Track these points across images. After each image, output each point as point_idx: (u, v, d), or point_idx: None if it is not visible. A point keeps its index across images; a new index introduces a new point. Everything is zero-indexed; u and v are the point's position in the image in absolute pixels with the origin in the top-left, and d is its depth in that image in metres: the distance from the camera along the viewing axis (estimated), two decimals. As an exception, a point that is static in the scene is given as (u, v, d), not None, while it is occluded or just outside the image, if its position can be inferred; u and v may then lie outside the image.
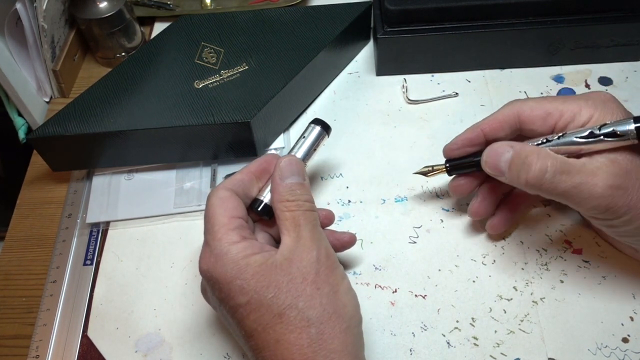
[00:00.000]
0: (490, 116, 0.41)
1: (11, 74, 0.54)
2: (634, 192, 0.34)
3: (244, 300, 0.33)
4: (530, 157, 0.36)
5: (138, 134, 0.47)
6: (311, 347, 0.31)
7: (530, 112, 0.39)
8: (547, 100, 0.39)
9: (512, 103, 0.40)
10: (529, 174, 0.36)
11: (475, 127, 0.41)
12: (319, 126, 0.42)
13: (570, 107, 0.37)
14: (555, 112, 0.38)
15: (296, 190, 0.36)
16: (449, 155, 0.43)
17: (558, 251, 0.44)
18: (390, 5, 0.52)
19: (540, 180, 0.35)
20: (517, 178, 0.37)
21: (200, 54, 0.52)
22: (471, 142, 0.41)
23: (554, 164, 0.35)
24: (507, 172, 0.37)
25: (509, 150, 0.37)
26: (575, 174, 0.35)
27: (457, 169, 0.43)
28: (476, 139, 0.41)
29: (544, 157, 0.35)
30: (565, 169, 0.35)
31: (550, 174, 0.35)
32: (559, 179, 0.35)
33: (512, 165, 0.37)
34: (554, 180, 0.35)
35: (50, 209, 0.51)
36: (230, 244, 0.34)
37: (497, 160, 0.38)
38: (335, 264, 0.35)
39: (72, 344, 0.43)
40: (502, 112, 0.40)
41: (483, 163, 0.39)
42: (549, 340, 0.41)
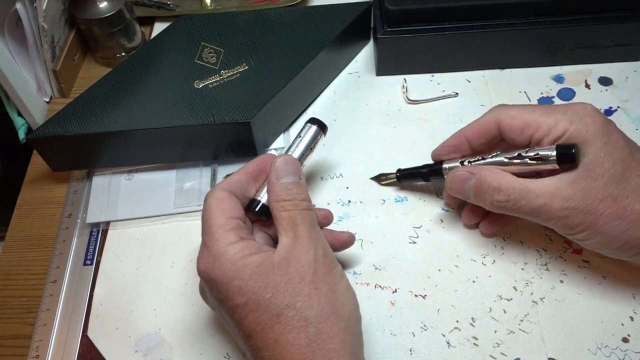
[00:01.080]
0: (474, 122, 0.42)
1: (11, 74, 0.54)
2: (590, 212, 0.36)
3: (242, 300, 0.33)
4: (491, 188, 0.39)
5: (138, 134, 0.47)
6: (309, 346, 0.31)
7: (510, 122, 0.40)
8: (528, 110, 0.39)
9: (495, 109, 0.41)
10: (493, 202, 0.39)
11: (459, 134, 0.43)
12: (315, 125, 0.42)
13: (548, 121, 0.38)
14: (532, 124, 0.38)
15: (292, 190, 0.36)
16: (437, 159, 0.45)
17: (558, 251, 0.44)
18: (390, 5, 0.52)
19: (503, 207, 0.39)
20: (483, 203, 0.40)
21: (200, 54, 0.52)
22: (456, 149, 0.43)
23: (514, 192, 0.38)
24: (472, 197, 0.41)
25: (471, 178, 0.40)
26: (534, 198, 0.37)
27: (405, 178, 0.48)
28: (460, 145, 0.43)
29: (504, 188, 0.38)
30: (524, 195, 0.37)
31: (511, 202, 0.38)
32: (520, 204, 0.38)
33: (476, 192, 0.40)
34: (515, 206, 0.38)
35: (50, 209, 0.51)
36: (228, 244, 0.34)
37: (461, 187, 0.41)
38: (333, 263, 0.35)
39: (72, 344, 0.43)
40: (485, 119, 0.41)
41: (448, 189, 0.42)
42: (549, 340, 0.41)
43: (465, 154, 0.43)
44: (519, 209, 0.38)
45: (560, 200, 0.36)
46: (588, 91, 0.54)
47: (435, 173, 0.44)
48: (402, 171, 0.48)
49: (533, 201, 0.37)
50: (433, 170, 0.45)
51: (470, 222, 0.46)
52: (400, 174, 0.48)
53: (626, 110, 0.52)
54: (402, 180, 0.48)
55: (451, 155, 0.44)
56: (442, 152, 0.44)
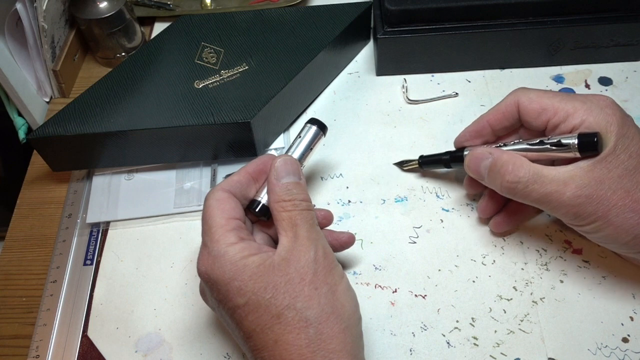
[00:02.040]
0: (495, 107, 0.42)
1: (11, 74, 0.54)
2: (603, 202, 0.35)
3: (242, 301, 0.33)
4: (505, 167, 0.38)
5: (138, 134, 0.47)
6: (309, 347, 0.31)
7: (528, 104, 0.40)
8: (547, 95, 0.39)
9: (515, 92, 0.41)
10: (503, 182, 0.39)
11: (481, 119, 0.43)
12: (315, 126, 0.42)
13: (566, 107, 0.38)
14: (550, 109, 0.38)
15: (292, 190, 0.36)
16: (460, 145, 0.45)
17: (558, 251, 0.44)
18: (390, 5, 0.52)
19: (513, 189, 0.38)
20: (494, 183, 0.40)
21: (200, 54, 0.52)
22: (478, 134, 0.43)
23: (526, 175, 0.37)
24: (487, 177, 0.40)
25: (489, 157, 0.40)
26: (547, 183, 0.37)
27: (427, 164, 0.48)
28: (483, 130, 0.43)
29: (518, 167, 0.38)
30: (537, 179, 0.37)
31: (522, 184, 0.37)
32: (531, 188, 0.37)
33: (490, 172, 0.40)
34: (526, 190, 0.37)
35: (50, 209, 0.51)
36: (228, 245, 0.34)
37: (478, 166, 0.41)
38: (333, 263, 0.35)
39: (72, 344, 0.43)
40: (505, 102, 0.41)
41: (466, 167, 0.42)
42: (549, 340, 0.41)
43: (487, 139, 0.43)
44: (530, 193, 0.37)
45: (573, 187, 0.35)
46: (588, 91, 0.54)
47: (457, 159, 0.45)
48: (424, 157, 0.48)
49: (545, 186, 0.36)
50: (455, 157, 0.45)
51: (485, 215, 0.45)
52: (422, 160, 0.48)
53: (626, 110, 0.52)
54: (424, 166, 0.48)
55: (474, 141, 0.44)
56: (464, 138, 0.44)
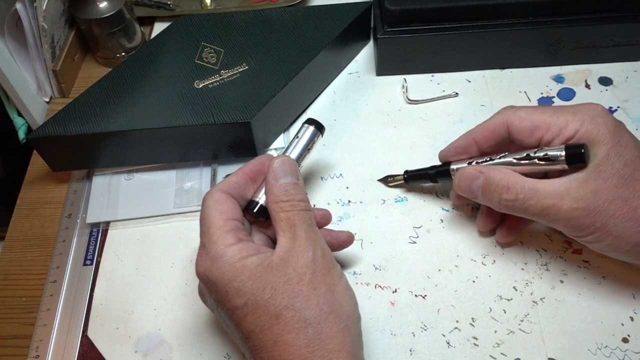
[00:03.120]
0: (482, 124, 0.42)
1: (11, 74, 0.54)
2: (600, 212, 0.35)
3: (240, 302, 0.33)
4: (499, 185, 0.38)
5: (138, 134, 0.47)
6: (309, 347, 0.31)
7: (519, 124, 0.39)
8: (537, 112, 0.39)
9: (504, 111, 0.41)
10: (500, 201, 0.38)
11: (468, 135, 0.42)
12: (313, 126, 0.42)
13: (557, 122, 0.37)
14: (542, 126, 0.38)
15: (290, 190, 0.36)
16: (444, 160, 0.45)
17: (558, 251, 0.44)
18: (390, 5, 0.52)
19: (511, 207, 0.38)
20: (491, 203, 0.40)
21: (200, 54, 0.52)
22: (464, 150, 0.43)
23: (522, 191, 0.37)
24: (480, 196, 0.40)
25: (480, 177, 0.39)
26: (543, 198, 0.36)
27: (412, 180, 0.48)
28: (469, 147, 0.42)
29: (513, 184, 0.37)
30: (533, 195, 0.37)
31: (519, 202, 0.37)
32: (528, 204, 0.37)
33: (484, 191, 0.39)
34: (523, 206, 0.37)
35: (50, 209, 0.51)
36: (226, 246, 0.34)
37: (469, 185, 0.40)
38: (332, 263, 0.35)
39: (72, 344, 0.43)
40: (493, 121, 0.41)
41: (456, 187, 0.42)
42: (549, 340, 0.41)
43: (471, 155, 0.43)
44: (527, 208, 0.37)
45: (570, 200, 0.35)
46: (588, 91, 0.54)
47: (443, 174, 0.44)
48: (409, 172, 0.48)
49: (542, 201, 0.36)
50: (441, 172, 0.44)
51: (484, 229, 0.45)
52: (407, 176, 0.48)
53: (626, 110, 0.52)
54: (409, 181, 0.48)
55: (459, 157, 0.43)
56: (449, 154, 0.44)
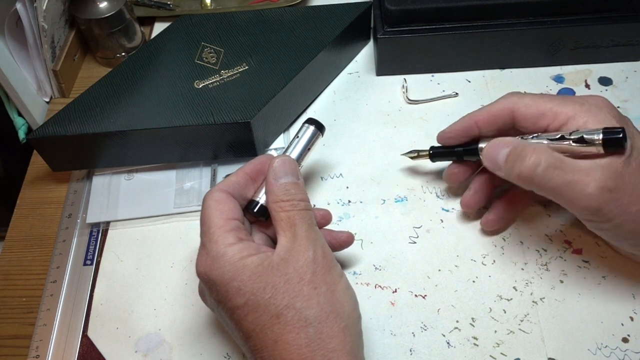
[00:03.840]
0: (486, 107, 0.41)
1: (11, 74, 0.54)
2: (625, 196, 0.34)
3: (241, 301, 0.33)
4: (525, 150, 0.36)
5: (138, 134, 0.47)
6: (309, 346, 0.31)
7: (525, 110, 0.39)
8: (544, 99, 0.38)
9: (510, 96, 0.40)
10: (522, 166, 0.36)
11: (470, 117, 0.42)
12: (313, 126, 0.42)
13: (565, 111, 0.37)
14: (549, 114, 0.38)
15: (290, 190, 0.36)
16: (442, 142, 0.44)
17: (558, 251, 0.44)
18: (391, 5, 0.52)
19: (532, 173, 0.36)
20: (512, 170, 0.37)
21: (200, 54, 0.52)
22: (465, 133, 0.42)
23: (548, 159, 0.35)
24: (504, 164, 0.38)
25: (509, 146, 0.38)
26: (569, 171, 0.35)
27: (439, 156, 0.46)
28: (470, 129, 0.42)
29: (539, 152, 0.36)
30: (558, 165, 0.35)
31: (542, 168, 0.35)
32: (552, 173, 0.35)
33: (509, 158, 0.37)
34: (546, 175, 0.35)
35: (50, 209, 0.51)
36: (227, 245, 0.34)
37: (496, 154, 0.38)
38: (332, 263, 0.35)
39: (72, 344, 0.43)
40: (498, 105, 0.40)
41: (484, 156, 0.40)
42: (549, 340, 0.41)
43: (470, 138, 0.42)
44: (549, 180, 0.35)
45: (598, 177, 0.34)
46: (588, 91, 0.54)
47: (470, 152, 0.43)
48: (435, 149, 0.46)
49: (568, 174, 0.35)
50: (468, 150, 0.43)
51: (468, 208, 0.45)
52: (433, 152, 0.46)
53: (626, 110, 0.52)
54: (434, 158, 0.47)
55: (459, 139, 0.43)
56: (449, 135, 0.43)
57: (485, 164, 0.40)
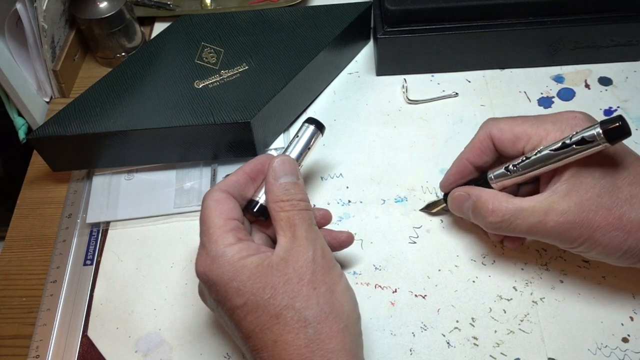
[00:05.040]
0: (469, 144, 0.42)
1: (11, 74, 0.54)
2: (586, 224, 0.35)
3: (240, 301, 0.33)
4: (485, 208, 0.39)
5: (138, 134, 0.47)
6: (309, 347, 0.31)
7: (500, 135, 0.40)
8: (517, 122, 0.39)
9: (485, 124, 0.41)
10: (487, 224, 0.39)
11: (460, 159, 0.43)
12: (313, 125, 0.42)
13: (538, 132, 0.38)
14: (523, 136, 0.38)
15: (290, 190, 0.36)
16: (446, 190, 0.45)
17: (558, 251, 0.44)
18: (390, 5, 0.52)
19: (498, 228, 0.39)
20: (482, 225, 0.40)
21: (200, 54, 0.52)
22: (462, 175, 0.43)
23: (507, 213, 0.38)
24: (472, 217, 0.41)
25: (468, 199, 0.40)
26: (528, 216, 0.37)
27: None
28: (465, 170, 0.43)
29: (497, 207, 0.38)
30: (518, 214, 0.37)
31: (506, 222, 0.38)
32: (515, 224, 0.38)
33: (474, 214, 0.40)
34: (511, 226, 0.38)
35: (50, 209, 0.51)
36: (226, 246, 0.34)
37: (461, 206, 0.42)
38: (332, 263, 0.35)
39: (72, 344, 0.43)
40: (479, 138, 0.41)
41: (450, 208, 0.43)
42: (549, 340, 0.41)
43: (470, 177, 0.43)
44: (515, 228, 0.38)
45: (555, 215, 0.36)
46: (588, 91, 0.54)
47: (483, 185, 0.42)
48: None
49: (528, 219, 0.37)
50: (480, 183, 0.42)
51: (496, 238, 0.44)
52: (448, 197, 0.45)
53: (626, 110, 0.52)
54: None
55: (457, 182, 0.43)
56: (448, 182, 0.44)
57: (455, 214, 0.43)
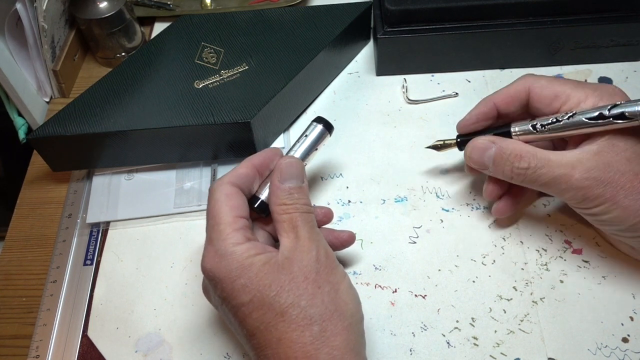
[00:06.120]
0: (504, 89, 0.42)
1: (11, 74, 0.54)
2: (611, 183, 0.36)
3: (246, 299, 0.33)
4: (513, 154, 0.38)
5: (138, 134, 0.47)
6: (314, 344, 0.32)
7: (540, 91, 0.40)
8: (559, 82, 0.39)
9: (525, 77, 0.41)
10: (513, 169, 0.39)
11: (489, 100, 0.42)
12: (321, 125, 0.42)
13: (578, 94, 0.38)
14: (562, 96, 0.39)
15: (294, 195, 0.36)
16: (464, 131, 0.44)
17: (558, 251, 0.44)
18: (390, 5, 0.52)
19: (523, 174, 0.39)
20: (502, 173, 0.40)
21: (200, 54, 0.52)
22: (485, 116, 0.43)
23: (534, 160, 0.38)
24: (492, 166, 0.40)
25: (492, 147, 0.40)
26: (555, 167, 0.37)
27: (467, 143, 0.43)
28: (490, 112, 0.42)
29: (525, 154, 0.38)
30: (545, 164, 0.37)
31: (531, 170, 0.38)
32: (540, 172, 0.38)
33: (497, 161, 0.40)
34: (535, 174, 0.38)
35: (50, 209, 0.51)
36: (235, 244, 0.34)
37: (481, 156, 0.40)
38: (335, 262, 0.35)
39: (72, 344, 0.43)
40: (515, 87, 0.41)
41: (466, 158, 0.42)
42: (548, 340, 0.41)
43: (490, 122, 0.42)
44: (538, 177, 0.38)
45: (582, 170, 0.36)
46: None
47: (503, 136, 0.41)
48: (462, 137, 0.44)
49: (554, 170, 0.37)
50: (500, 134, 0.41)
51: (492, 198, 0.44)
52: (460, 140, 0.44)
53: (626, 110, 0.52)
54: (463, 146, 0.44)
55: (480, 124, 0.43)
56: (469, 122, 0.43)
57: (470, 164, 0.42)
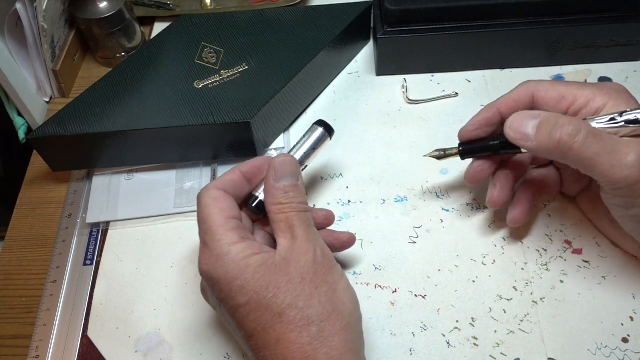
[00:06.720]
0: (506, 95, 0.41)
1: (11, 74, 0.54)
2: None
3: (244, 300, 0.33)
4: (561, 120, 0.35)
5: (138, 134, 0.47)
6: (312, 345, 0.31)
7: (545, 94, 0.39)
8: (562, 84, 0.39)
9: (527, 83, 0.40)
10: (561, 134, 0.35)
11: (492, 106, 0.41)
12: (322, 128, 0.42)
13: (585, 94, 0.37)
14: (569, 96, 0.38)
15: (290, 193, 0.36)
16: (467, 138, 0.42)
17: (558, 251, 0.44)
18: (390, 5, 0.52)
19: (571, 141, 0.34)
20: (548, 138, 0.35)
21: (200, 54, 0.52)
22: (489, 122, 0.41)
23: (588, 127, 0.34)
24: (535, 134, 0.36)
25: (537, 117, 0.36)
26: (608, 139, 0.34)
27: (470, 153, 0.42)
28: (493, 118, 0.41)
29: (576, 121, 0.35)
30: (597, 134, 0.34)
31: (582, 136, 0.34)
32: (591, 141, 0.34)
33: (542, 127, 0.36)
34: (585, 143, 0.34)
35: (50, 209, 0.51)
36: (231, 244, 0.34)
37: (524, 124, 0.37)
38: (332, 262, 0.35)
39: (72, 344, 0.43)
40: (518, 92, 0.40)
41: (508, 127, 0.37)
42: (549, 340, 0.41)
43: (493, 129, 0.41)
44: (587, 148, 0.34)
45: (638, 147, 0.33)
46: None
47: (510, 144, 0.38)
48: (465, 145, 0.42)
49: (607, 142, 0.34)
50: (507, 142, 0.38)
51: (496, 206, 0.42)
52: (464, 149, 0.42)
53: (626, 110, 0.52)
54: (465, 156, 0.42)
55: (483, 130, 0.41)
56: (473, 128, 0.41)
57: (510, 135, 0.37)
